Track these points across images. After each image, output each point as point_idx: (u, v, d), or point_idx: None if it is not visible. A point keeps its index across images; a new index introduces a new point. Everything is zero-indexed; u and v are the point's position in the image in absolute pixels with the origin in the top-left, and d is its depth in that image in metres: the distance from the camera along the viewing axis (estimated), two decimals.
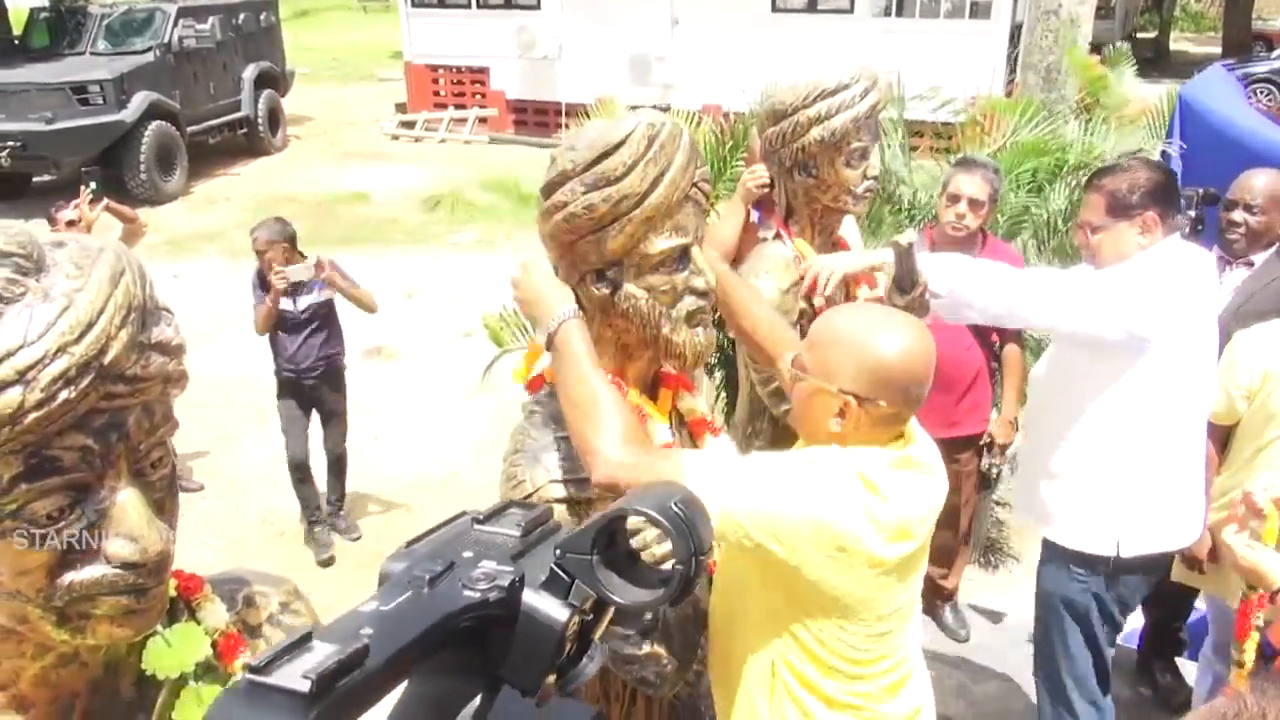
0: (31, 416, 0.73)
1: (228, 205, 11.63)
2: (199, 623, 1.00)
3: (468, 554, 0.62)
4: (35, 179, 11.65)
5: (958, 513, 3.66)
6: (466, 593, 0.58)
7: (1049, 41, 6.94)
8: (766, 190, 2.55)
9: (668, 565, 0.63)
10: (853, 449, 1.52)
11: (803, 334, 2.41)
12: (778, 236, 2.48)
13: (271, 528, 5.28)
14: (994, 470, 4.47)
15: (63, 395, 0.74)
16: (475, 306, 7.16)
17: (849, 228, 3.54)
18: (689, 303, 1.55)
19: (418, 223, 10.97)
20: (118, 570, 0.81)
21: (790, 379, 1.64)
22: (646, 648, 1.53)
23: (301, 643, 0.51)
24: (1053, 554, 2.71)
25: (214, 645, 1.00)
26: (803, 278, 2.37)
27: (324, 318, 4.84)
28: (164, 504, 0.85)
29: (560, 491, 1.51)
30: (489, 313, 4.16)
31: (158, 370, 0.82)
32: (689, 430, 1.76)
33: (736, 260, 2.54)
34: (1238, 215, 3.25)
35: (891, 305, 2.20)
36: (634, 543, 0.65)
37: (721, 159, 3.94)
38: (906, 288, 2.18)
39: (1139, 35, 27.22)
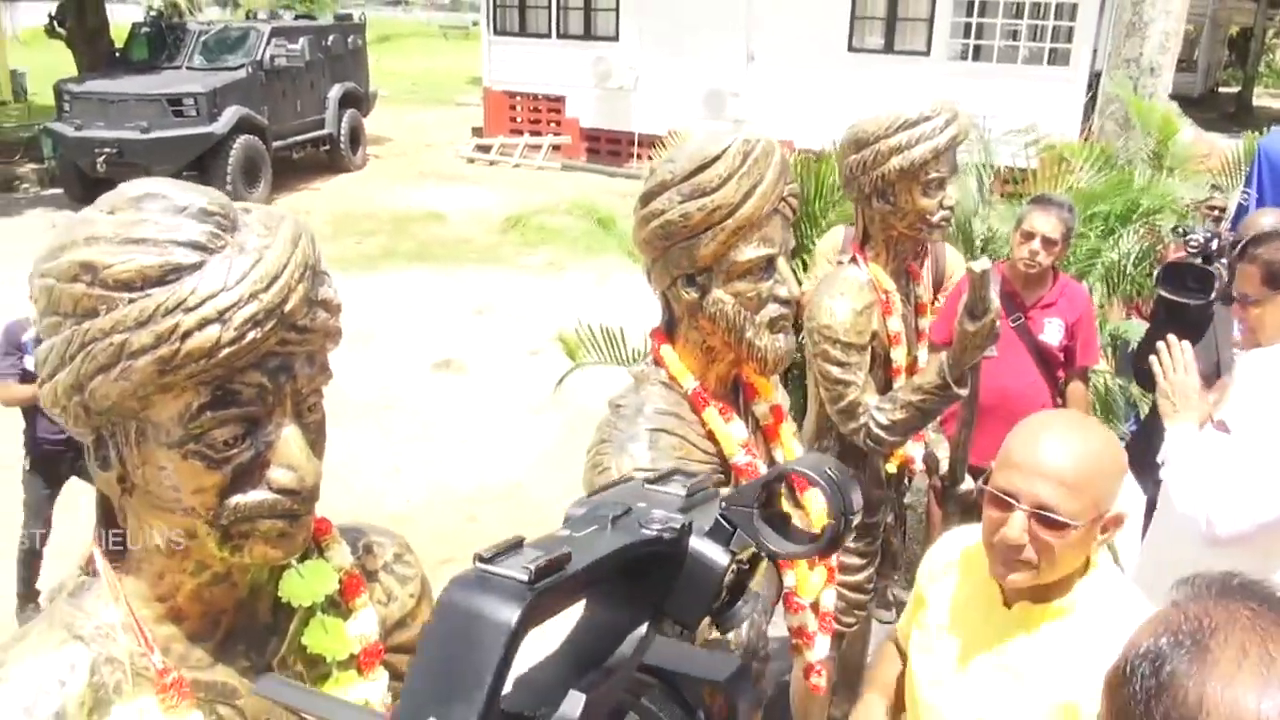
0: (225, 351, 0.85)
1: (307, 219, 11.87)
2: (327, 561, 1.11)
3: (641, 505, 0.68)
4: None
5: None
6: (643, 531, 0.64)
7: (1127, 90, 6.95)
8: None
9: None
10: None
11: (875, 357, 2.50)
12: (853, 260, 2.56)
13: None
14: None
15: (251, 335, 0.86)
16: (542, 326, 7.35)
17: (952, 256, 3.61)
18: (772, 310, 1.64)
19: (490, 243, 11.20)
20: (276, 495, 0.92)
21: (1058, 548, 1.51)
22: (714, 634, 1.61)
23: (515, 546, 0.59)
24: None
25: (339, 583, 1.11)
26: (877, 302, 2.46)
27: None
28: (316, 444, 0.97)
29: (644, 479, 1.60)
30: (564, 329, 4.28)
31: (321, 324, 0.93)
32: (763, 433, 1.84)
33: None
34: None
35: (962, 330, 2.25)
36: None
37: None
38: (978, 314, 2.23)
39: (1221, 89, 26.84)
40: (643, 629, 0.66)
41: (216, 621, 1.02)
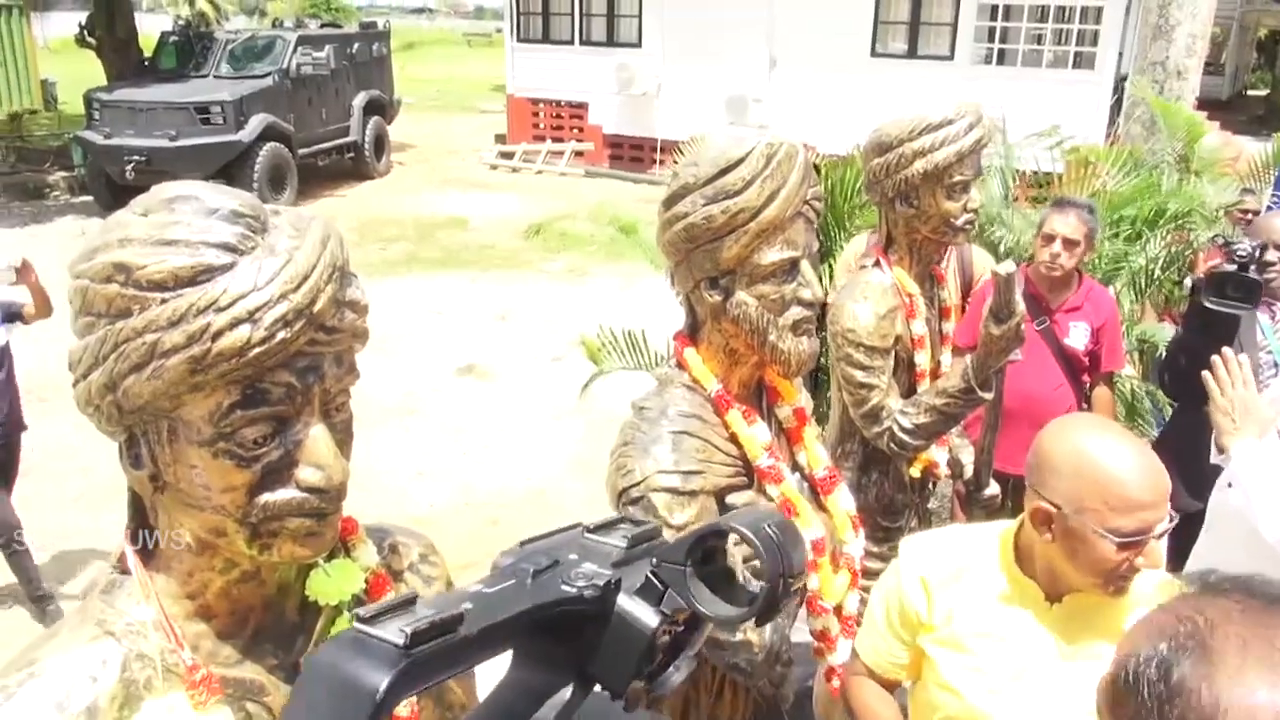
0: (255, 351, 0.86)
1: None
2: (354, 560, 1.12)
3: (573, 556, 0.65)
4: None
5: None
6: (564, 587, 0.61)
7: (1154, 93, 6.89)
8: None
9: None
10: None
11: (898, 361, 2.49)
12: (876, 264, 2.56)
13: None
14: None
15: (280, 335, 0.87)
16: (565, 332, 7.37)
17: (980, 259, 3.58)
18: (795, 312, 1.64)
19: (513, 249, 11.25)
20: (305, 494, 0.93)
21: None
22: (740, 635, 1.61)
23: (406, 604, 0.56)
24: None
25: (366, 582, 1.12)
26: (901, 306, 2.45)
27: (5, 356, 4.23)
28: (344, 443, 0.98)
29: (667, 481, 1.61)
30: (587, 334, 4.29)
31: (349, 325, 0.94)
32: (787, 436, 1.84)
33: None
34: (1272, 255, 3.20)
35: (987, 334, 2.25)
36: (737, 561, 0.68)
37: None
38: (1003, 317, 2.22)
39: (1250, 92, 26.59)
40: (566, 692, 0.62)
41: (245, 619, 1.04)
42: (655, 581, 0.63)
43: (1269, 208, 4.61)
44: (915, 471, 2.73)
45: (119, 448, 0.96)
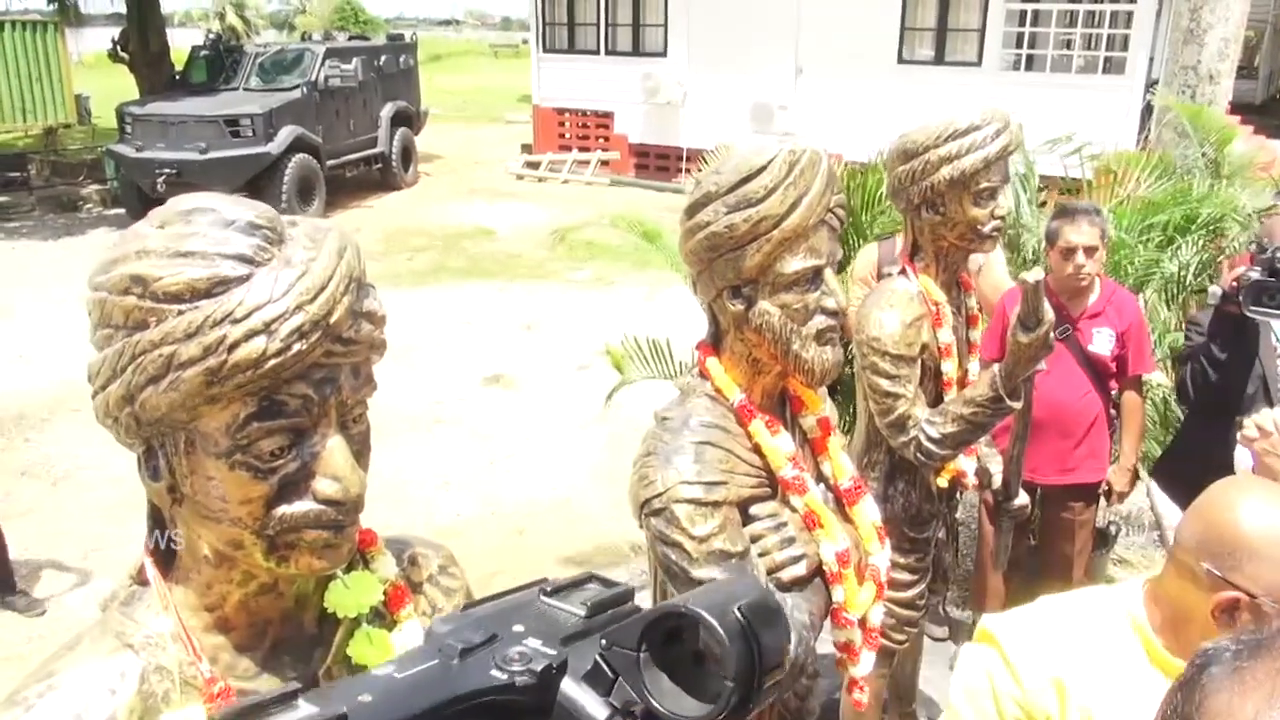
0: (271, 363, 0.85)
1: (360, 236, 12.12)
2: (373, 572, 1.12)
3: (519, 627, 0.56)
4: None
5: (1070, 563, 3.60)
6: (494, 673, 0.52)
7: (1185, 98, 6.81)
8: None
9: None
10: None
11: (925, 370, 2.46)
12: (903, 272, 2.53)
13: None
14: (1112, 528, 4.37)
15: (296, 347, 0.86)
16: (591, 341, 7.38)
17: (997, 259, 3.54)
18: (819, 321, 1.63)
19: (539, 259, 11.28)
20: (322, 506, 0.93)
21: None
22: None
23: (288, 698, 0.49)
24: None
25: (385, 594, 1.12)
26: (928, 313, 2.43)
27: None
28: (361, 455, 0.97)
29: (690, 492, 1.59)
30: (612, 343, 4.28)
31: (366, 336, 0.94)
32: (811, 446, 1.82)
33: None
34: None
35: (1015, 342, 2.22)
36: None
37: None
38: (1031, 325, 2.20)
39: None
40: None
41: (263, 632, 1.03)
42: (605, 667, 0.54)
43: None
44: (943, 481, 2.70)
45: (137, 459, 0.96)
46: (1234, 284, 3.01)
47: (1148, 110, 10.16)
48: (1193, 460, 3.12)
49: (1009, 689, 1.52)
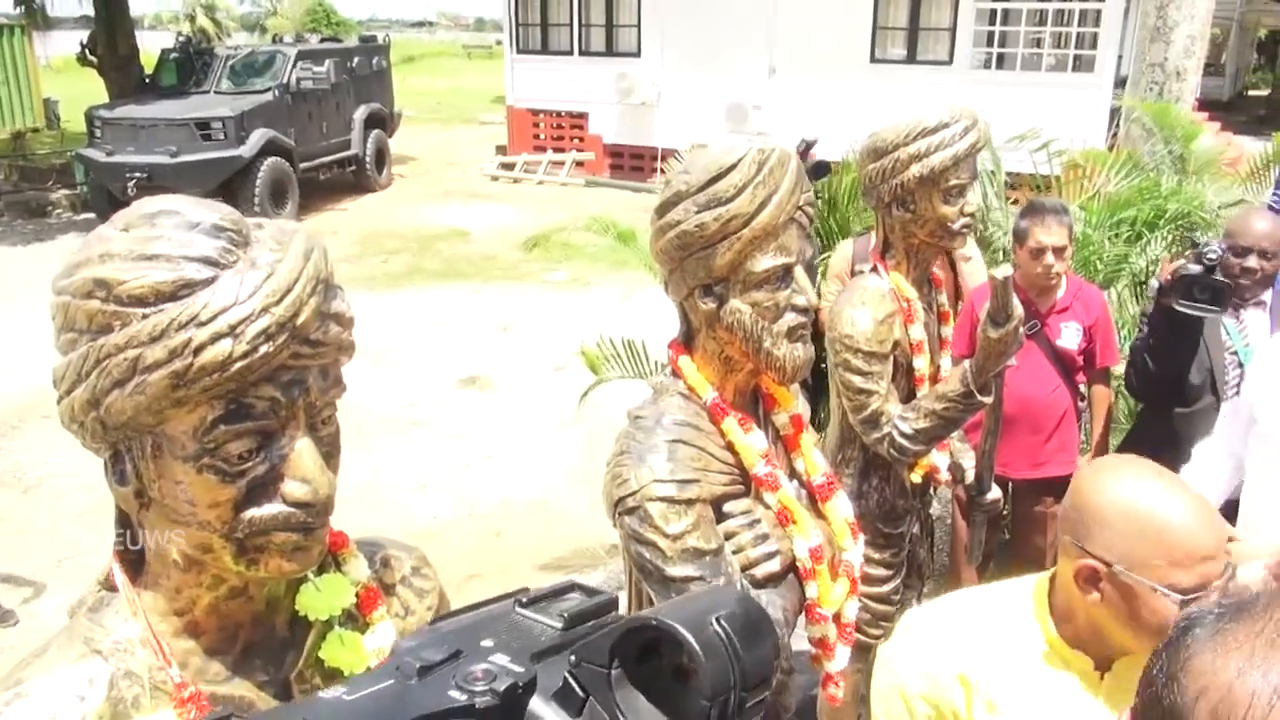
0: (237, 365, 0.85)
1: (334, 239, 12.12)
2: (344, 574, 1.12)
3: (487, 642, 0.53)
4: None
5: (1043, 555, 3.63)
6: (452, 693, 0.49)
7: (1153, 95, 6.89)
8: None
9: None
10: None
11: (897, 366, 2.48)
12: (874, 269, 2.55)
13: None
14: None
15: (263, 349, 0.86)
16: (567, 342, 7.38)
17: (971, 250, 3.56)
18: (790, 319, 1.64)
19: (514, 260, 11.26)
20: (291, 509, 0.92)
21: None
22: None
23: None
24: None
25: (357, 596, 1.11)
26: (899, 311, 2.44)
27: None
28: (330, 456, 0.97)
29: (663, 490, 1.60)
30: (587, 344, 4.28)
31: (334, 337, 0.93)
32: (784, 443, 1.83)
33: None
34: (1253, 262, 3.13)
35: (985, 338, 2.24)
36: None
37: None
38: (1001, 321, 2.22)
39: (1251, 93, 26.59)
40: None
41: (234, 636, 1.03)
42: (575, 686, 0.51)
43: (1270, 207, 4.60)
44: (916, 477, 2.72)
45: (104, 464, 0.95)
46: (1168, 278, 3.06)
47: (1117, 107, 10.27)
48: (1143, 450, 3.16)
49: (918, 687, 1.55)
